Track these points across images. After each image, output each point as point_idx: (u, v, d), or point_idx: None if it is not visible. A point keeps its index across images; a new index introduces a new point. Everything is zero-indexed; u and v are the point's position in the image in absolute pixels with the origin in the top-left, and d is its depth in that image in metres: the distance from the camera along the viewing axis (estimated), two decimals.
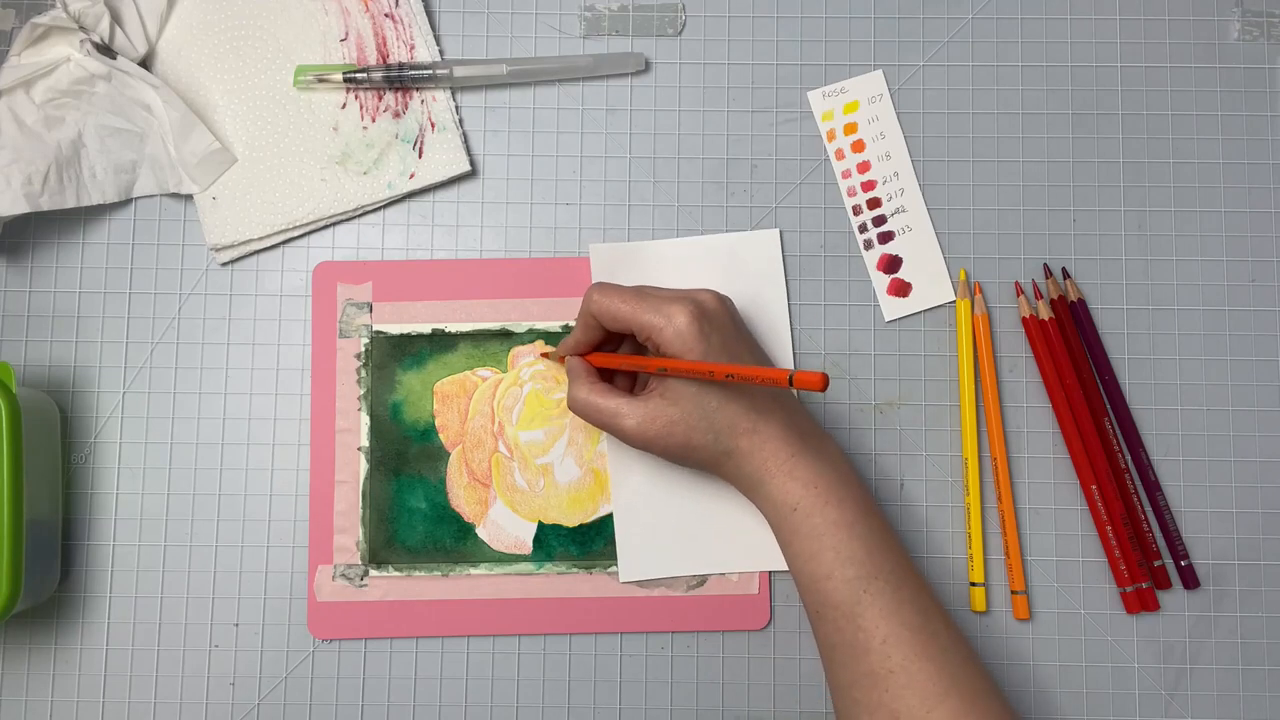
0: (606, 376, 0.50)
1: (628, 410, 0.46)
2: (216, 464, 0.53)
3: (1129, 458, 0.53)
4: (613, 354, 0.49)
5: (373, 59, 0.55)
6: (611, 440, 0.53)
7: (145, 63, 0.54)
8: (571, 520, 0.53)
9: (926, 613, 0.45)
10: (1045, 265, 0.54)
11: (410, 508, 0.53)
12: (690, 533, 0.52)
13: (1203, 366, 0.54)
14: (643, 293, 0.47)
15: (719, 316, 0.47)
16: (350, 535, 0.52)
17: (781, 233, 0.54)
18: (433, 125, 0.54)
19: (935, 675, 0.43)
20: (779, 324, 0.54)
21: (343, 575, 0.52)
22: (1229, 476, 0.53)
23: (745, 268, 0.54)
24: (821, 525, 0.46)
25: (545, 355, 0.53)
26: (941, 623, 0.45)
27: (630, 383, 0.51)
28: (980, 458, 0.53)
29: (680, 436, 0.46)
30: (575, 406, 0.48)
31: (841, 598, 0.45)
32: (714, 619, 0.52)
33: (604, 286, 0.48)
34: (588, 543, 0.53)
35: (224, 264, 0.54)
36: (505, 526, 0.53)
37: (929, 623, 0.45)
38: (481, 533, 0.53)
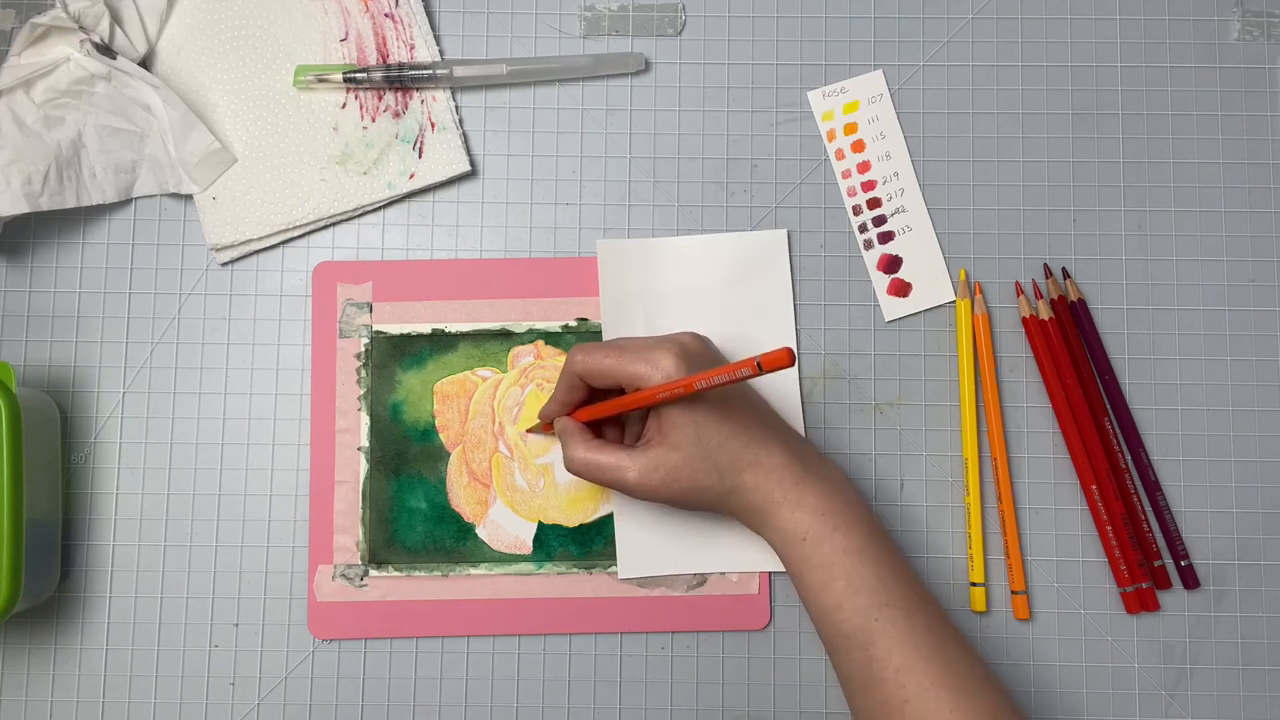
0: (596, 431, 0.49)
1: (629, 463, 0.46)
2: (216, 464, 0.53)
3: (1129, 458, 0.53)
4: (598, 404, 0.48)
5: (373, 59, 0.55)
6: None
7: (145, 63, 0.54)
8: (571, 520, 0.53)
9: (941, 638, 0.44)
10: (1045, 265, 0.54)
11: (410, 508, 0.53)
12: (690, 531, 0.52)
13: (1203, 366, 0.54)
14: (623, 345, 0.47)
15: (701, 356, 0.47)
16: (350, 535, 0.52)
17: (789, 233, 0.54)
18: (433, 125, 0.54)
19: (952, 704, 0.43)
20: (784, 324, 0.54)
21: (342, 575, 0.52)
22: (1229, 476, 0.53)
23: (751, 267, 0.54)
24: (831, 553, 0.45)
25: (530, 431, 0.52)
26: (957, 648, 0.45)
27: (619, 436, 0.50)
28: (980, 458, 0.53)
29: (685, 481, 0.46)
30: (574, 467, 0.47)
31: (853, 628, 0.44)
32: (714, 619, 0.52)
33: (585, 347, 0.47)
34: (588, 543, 0.53)
35: (224, 264, 0.54)
36: (505, 526, 0.53)
37: (944, 648, 0.44)
38: (481, 533, 0.53)
